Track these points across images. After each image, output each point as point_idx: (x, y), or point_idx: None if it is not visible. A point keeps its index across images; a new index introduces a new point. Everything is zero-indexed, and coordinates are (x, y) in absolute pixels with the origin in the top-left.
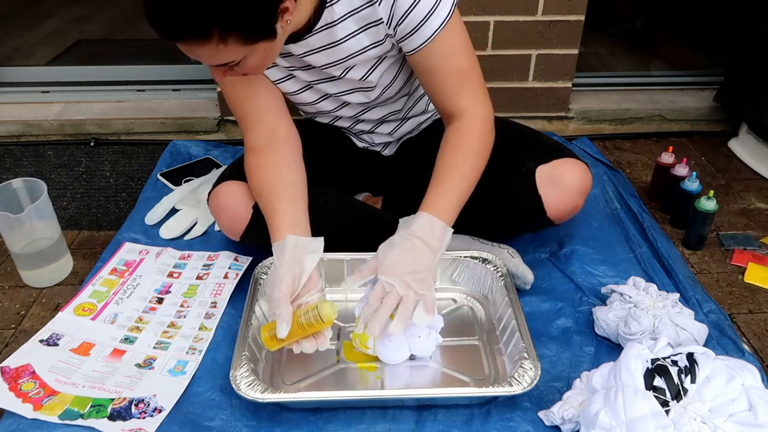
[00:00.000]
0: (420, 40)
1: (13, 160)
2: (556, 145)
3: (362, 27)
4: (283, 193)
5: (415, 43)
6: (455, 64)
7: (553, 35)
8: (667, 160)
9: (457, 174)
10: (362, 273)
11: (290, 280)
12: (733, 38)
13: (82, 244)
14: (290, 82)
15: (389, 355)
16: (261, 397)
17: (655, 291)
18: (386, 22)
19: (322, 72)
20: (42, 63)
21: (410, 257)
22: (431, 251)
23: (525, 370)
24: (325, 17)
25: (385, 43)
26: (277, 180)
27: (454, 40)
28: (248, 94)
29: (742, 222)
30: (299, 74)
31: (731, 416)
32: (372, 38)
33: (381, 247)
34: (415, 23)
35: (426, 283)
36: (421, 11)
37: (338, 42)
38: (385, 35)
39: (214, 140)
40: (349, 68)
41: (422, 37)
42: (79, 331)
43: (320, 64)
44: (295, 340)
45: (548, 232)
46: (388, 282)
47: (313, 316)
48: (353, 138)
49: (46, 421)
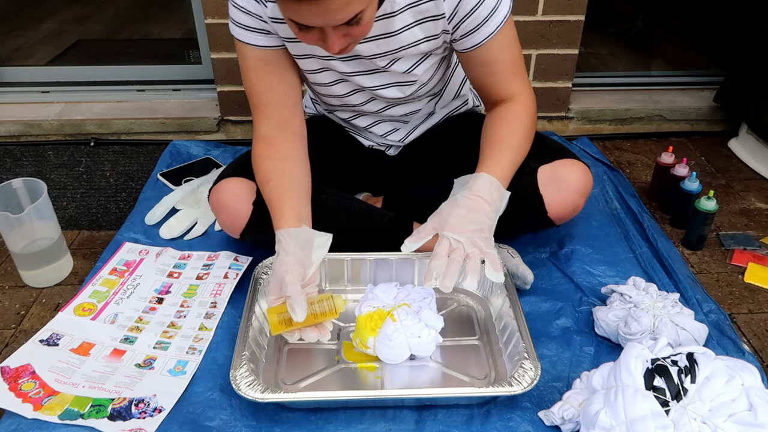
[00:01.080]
0: (483, 36)
1: (13, 160)
2: (557, 145)
3: (419, 20)
4: (291, 187)
5: (477, 39)
6: (511, 54)
7: (553, 35)
8: (667, 160)
9: (512, 141)
10: (421, 234)
11: (301, 269)
12: (733, 38)
13: (82, 244)
14: (325, 74)
15: (389, 355)
16: (261, 397)
17: (655, 291)
18: (448, 18)
19: (365, 62)
20: (42, 63)
21: (474, 216)
22: (493, 211)
23: (525, 370)
24: (384, 7)
25: (438, 39)
26: (287, 173)
27: (511, 32)
28: (273, 86)
29: (742, 222)
30: (337, 65)
31: (731, 416)
32: (426, 32)
33: (444, 206)
34: (480, 20)
35: (490, 241)
36: (486, 9)
37: (393, 33)
38: (442, 30)
39: (214, 140)
40: (396, 60)
41: (485, 33)
42: (79, 331)
43: (368, 53)
44: (300, 327)
45: (548, 232)
46: (456, 239)
47: (327, 306)
48: (361, 137)
49: (46, 421)
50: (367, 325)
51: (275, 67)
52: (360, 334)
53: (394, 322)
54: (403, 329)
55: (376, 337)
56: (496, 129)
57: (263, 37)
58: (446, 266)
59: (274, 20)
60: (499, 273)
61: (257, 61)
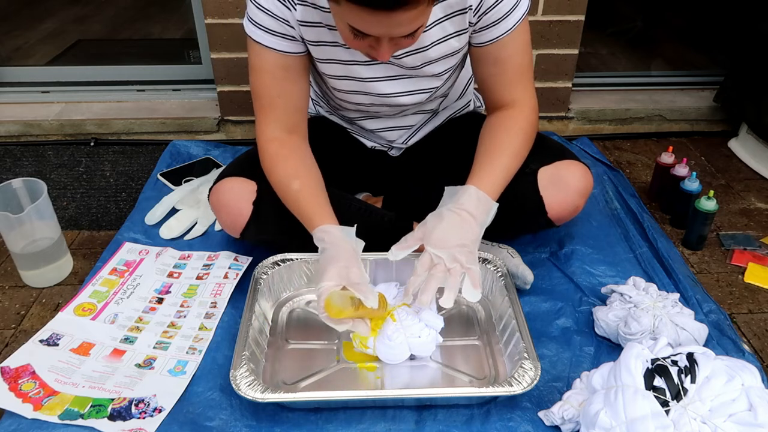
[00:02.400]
0: (502, 30)
1: (13, 160)
2: (557, 146)
3: (448, 14)
4: (320, 186)
5: (496, 33)
6: (522, 57)
7: (553, 35)
8: (667, 160)
9: (507, 150)
10: (407, 243)
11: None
12: (733, 38)
13: (82, 244)
14: (346, 82)
15: (389, 355)
16: (261, 397)
17: (655, 291)
18: (474, 9)
19: (390, 67)
20: (42, 63)
21: (459, 231)
22: (478, 225)
23: (525, 370)
24: None
25: (465, 34)
26: (313, 173)
27: (526, 34)
28: (288, 90)
29: (742, 222)
30: (359, 70)
31: (731, 416)
32: (455, 27)
33: (430, 218)
34: (502, 13)
35: (472, 256)
36: (508, 3)
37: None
38: (468, 23)
39: (214, 140)
40: (430, 62)
41: (504, 27)
42: (79, 331)
43: (400, 52)
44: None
45: (548, 232)
46: (437, 254)
47: (381, 301)
48: (363, 138)
49: (46, 421)
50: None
51: (292, 73)
52: (360, 335)
53: (394, 322)
54: (404, 329)
55: (377, 338)
56: (493, 136)
57: (286, 42)
58: (426, 282)
59: (303, 23)
60: (476, 291)
61: (275, 66)
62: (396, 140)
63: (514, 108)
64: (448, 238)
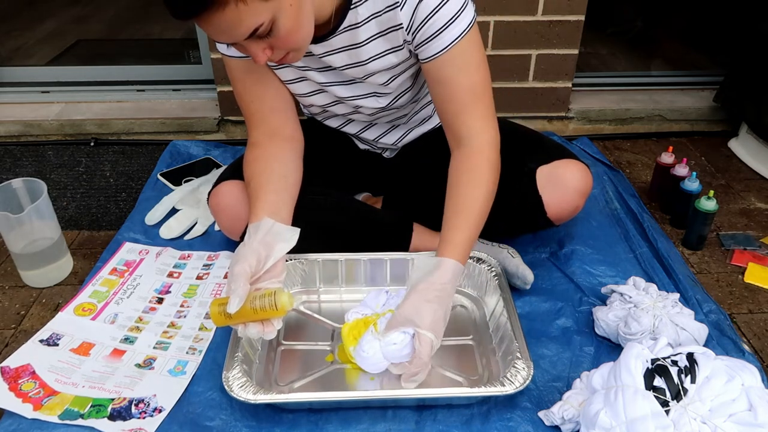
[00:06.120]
0: (438, 47)
1: (13, 160)
2: (556, 145)
3: (383, 31)
4: (271, 183)
5: (433, 50)
6: (470, 79)
7: (553, 35)
8: (667, 160)
9: (475, 211)
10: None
11: (254, 261)
12: (733, 38)
13: (82, 244)
14: (303, 84)
15: (366, 366)
16: (253, 398)
17: (655, 291)
18: (406, 28)
19: (340, 73)
20: (42, 63)
21: (443, 309)
22: (453, 293)
23: (518, 370)
24: (349, 18)
25: (403, 50)
26: (268, 171)
27: (471, 54)
28: (258, 95)
29: (742, 222)
30: (313, 75)
31: (731, 416)
32: (391, 43)
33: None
34: (435, 29)
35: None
36: (441, 18)
37: (359, 44)
38: (404, 41)
39: (214, 140)
40: (371, 74)
41: (441, 44)
42: (79, 331)
43: (340, 64)
44: (243, 321)
45: (548, 232)
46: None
47: (268, 302)
48: (356, 140)
49: (46, 421)
50: (349, 334)
51: (258, 75)
52: (344, 344)
53: (376, 331)
54: (381, 338)
55: (355, 348)
56: (459, 192)
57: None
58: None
59: None
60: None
61: (240, 71)
62: (386, 143)
63: (471, 146)
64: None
